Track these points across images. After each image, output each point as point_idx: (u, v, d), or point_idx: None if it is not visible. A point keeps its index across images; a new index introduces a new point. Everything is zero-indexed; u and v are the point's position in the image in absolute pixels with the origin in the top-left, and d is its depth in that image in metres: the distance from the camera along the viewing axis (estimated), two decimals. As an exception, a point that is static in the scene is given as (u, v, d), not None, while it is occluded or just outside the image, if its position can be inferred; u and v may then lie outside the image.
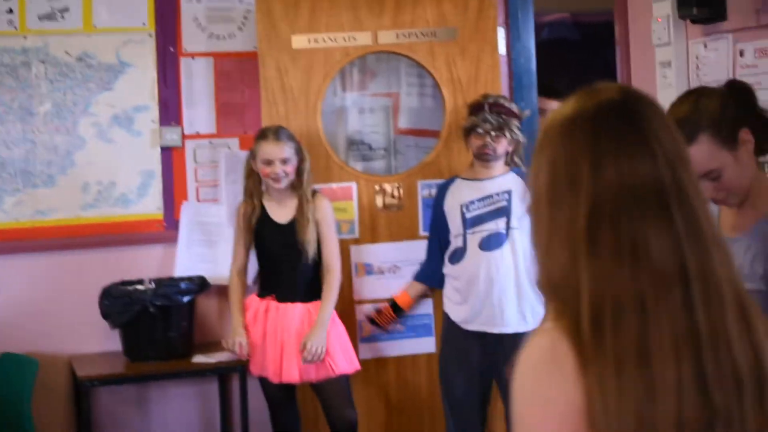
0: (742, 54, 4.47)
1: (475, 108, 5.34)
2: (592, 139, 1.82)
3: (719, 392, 1.74)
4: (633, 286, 1.75)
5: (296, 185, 5.38)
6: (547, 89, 6.38)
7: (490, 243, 5.23)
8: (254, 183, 5.42)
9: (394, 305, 5.64)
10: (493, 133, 5.22)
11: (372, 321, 5.65)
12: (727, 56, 4.55)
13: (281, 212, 5.40)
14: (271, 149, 5.30)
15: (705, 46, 4.71)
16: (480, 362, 5.30)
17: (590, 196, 1.79)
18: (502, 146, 5.27)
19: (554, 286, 1.83)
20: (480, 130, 5.24)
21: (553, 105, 6.24)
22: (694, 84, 4.75)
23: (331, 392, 5.40)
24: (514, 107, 5.39)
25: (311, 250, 5.32)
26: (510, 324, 5.21)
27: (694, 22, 4.72)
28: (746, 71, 4.44)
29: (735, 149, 2.93)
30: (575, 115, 1.85)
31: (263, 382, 5.43)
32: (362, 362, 5.58)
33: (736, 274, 1.85)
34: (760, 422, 1.77)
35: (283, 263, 5.37)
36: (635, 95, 1.90)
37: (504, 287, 5.20)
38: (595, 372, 1.72)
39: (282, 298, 5.36)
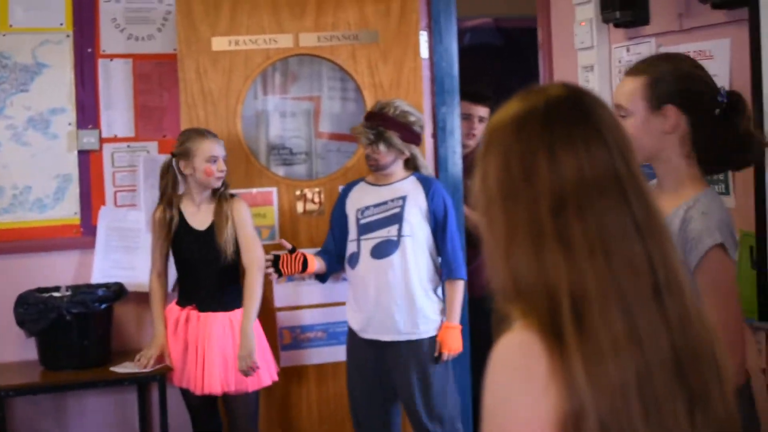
0: (666, 59, 4.47)
1: (365, 117, 5.31)
2: (546, 132, 1.82)
3: (693, 374, 1.81)
4: (609, 277, 1.77)
5: (215, 189, 5.30)
6: (473, 95, 6.35)
7: (381, 250, 5.16)
8: (173, 187, 5.30)
9: (304, 259, 5.32)
10: (370, 146, 5.16)
11: (275, 263, 5.34)
12: (652, 61, 4.55)
13: (199, 218, 5.30)
14: (214, 146, 5.23)
15: (628, 50, 4.71)
16: (377, 371, 5.24)
17: (551, 190, 1.79)
18: (384, 157, 5.17)
19: (521, 286, 1.82)
20: (360, 141, 5.25)
21: (479, 110, 6.23)
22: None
23: (239, 408, 5.31)
24: (405, 116, 5.21)
25: (229, 251, 5.22)
26: (401, 331, 5.15)
27: (617, 25, 4.71)
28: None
29: (653, 112, 3.09)
30: (525, 112, 1.87)
31: (185, 392, 5.34)
32: (283, 370, 5.51)
33: (680, 258, 1.92)
34: (722, 401, 1.84)
35: (203, 271, 5.27)
36: (581, 90, 1.93)
37: (393, 295, 5.12)
38: (583, 363, 1.73)
39: (203, 308, 5.26)
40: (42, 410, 5.77)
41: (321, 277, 5.48)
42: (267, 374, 5.32)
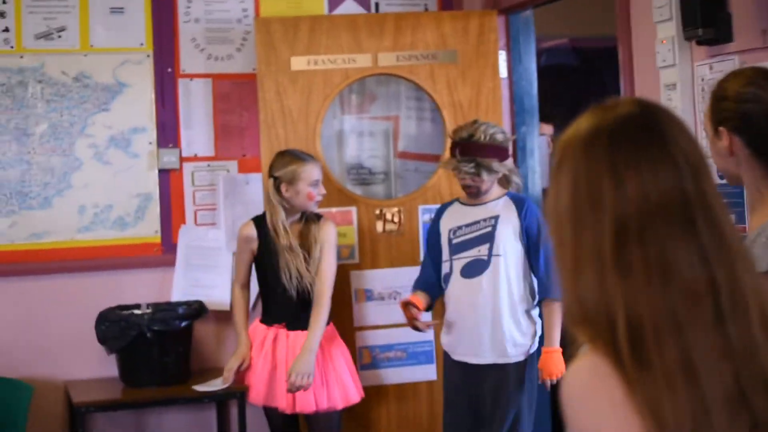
0: (750, 76, 4.42)
1: (452, 149, 5.11)
2: (612, 153, 1.77)
3: (758, 399, 1.72)
4: (665, 304, 1.71)
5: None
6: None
7: (471, 270, 5.07)
8: (276, 209, 5.24)
9: (408, 304, 5.18)
10: (470, 176, 5.06)
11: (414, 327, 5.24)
12: (737, 79, 4.49)
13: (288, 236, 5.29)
14: (316, 170, 5.24)
15: (711, 67, 4.64)
16: (466, 393, 5.15)
17: (614, 214, 1.74)
18: (485, 183, 5.06)
19: (586, 310, 1.77)
20: (458, 174, 5.10)
21: (545, 128, 6.20)
22: (700, 107, 4.69)
23: (323, 427, 5.32)
24: (495, 138, 5.05)
25: (312, 273, 5.22)
26: (485, 355, 5.05)
27: (699, 43, 4.65)
28: (756, 94, 4.39)
29: (715, 134, 3.01)
30: (593, 130, 1.81)
31: (268, 411, 5.34)
32: (363, 390, 5.50)
33: (758, 282, 1.82)
34: None
35: (292, 289, 5.25)
36: (653, 106, 1.85)
37: (481, 316, 5.03)
38: (644, 393, 1.68)
39: (291, 326, 5.26)
40: (122, 427, 5.80)
41: (428, 307, 5.36)
42: (355, 391, 5.32)
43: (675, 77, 4.76)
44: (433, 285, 5.26)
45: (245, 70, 5.93)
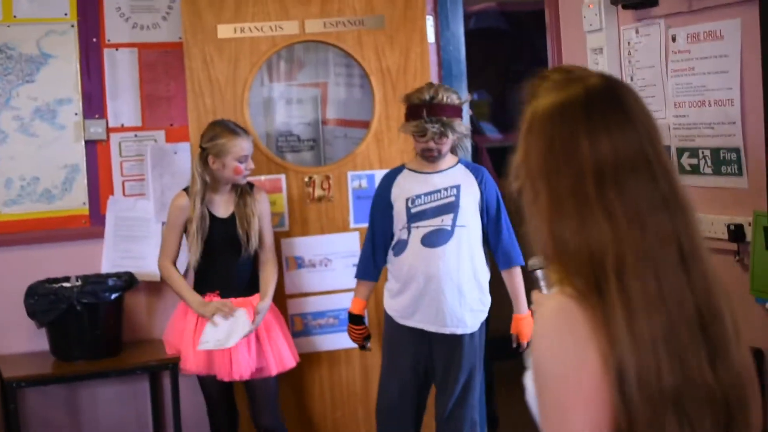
0: (674, 39, 4.43)
1: (414, 111, 5.02)
2: (587, 118, 2.08)
3: (714, 331, 2.06)
4: (644, 245, 2.02)
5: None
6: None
7: (433, 239, 5.03)
8: (204, 181, 5.23)
9: (353, 318, 5.31)
10: (436, 138, 5.00)
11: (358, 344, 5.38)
12: (660, 42, 4.51)
13: (221, 206, 5.29)
14: (246, 145, 5.23)
15: (637, 31, 4.67)
16: (418, 358, 5.17)
17: (592, 165, 2.05)
18: (447, 145, 5.03)
19: (564, 250, 2.05)
20: (422, 136, 5.00)
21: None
22: (627, 71, 4.72)
23: (262, 392, 5.37)
24: (453, 99, 5.04)
25: (254, 244, 5.25)
26: (448, 324, 5.05)
27: (625, 7, 4.68)
28: (679, 56, 4.41)
29: None
30: (567, 101, 2.11)
31: (203, 380, 5.34)
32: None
33: (703, 235, 2.15)
34: (738, 355, 2.09)
35: (225, 258, 5.27)
36: (616, 81, 2.18)
37: (443, 285, 5.01)
38: (620, 316, 1.97)
39: (225, 294, 5.26)
40: (54, 401, 5.76)
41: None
42: (290, 357, 5.35)
43: (602, 41, 4.78)
44: (375, 271, 5.25)
45: (171, 39, 5.87)
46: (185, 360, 5.27)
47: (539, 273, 3.75)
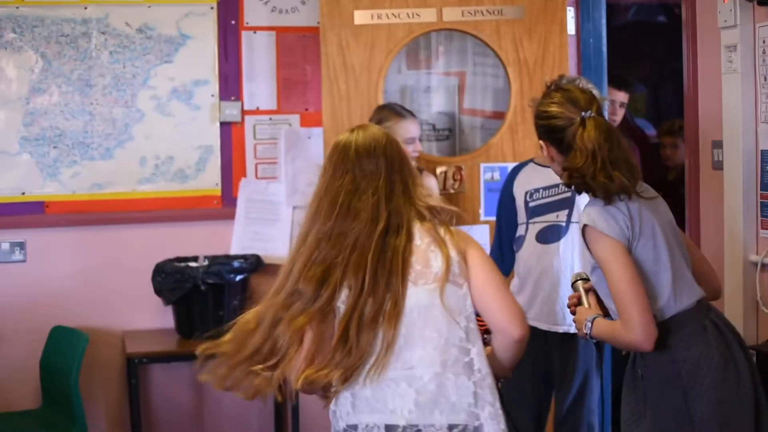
0: (809, 38, 4.26)
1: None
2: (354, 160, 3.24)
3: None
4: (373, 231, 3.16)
5: None
6: (614, 79, 6.17)
7: (548, 235, 4.90)
8: None
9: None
10: None
11: None
12: (796, 42, 4.34)
13: None
14: (414, 127, 5.26)
15: (773, 29, 4.50)
16: (532, 358, 5.03)
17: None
18: None
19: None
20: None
21: (620, 95, 6.02)
22: (761, 70, 4.54)
23: None
24: (595, 92, 5.01)
25: None
26: (560, 323, 4.90)
27: (761, 3, 4.50)
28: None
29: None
30: (346, 142, 3.29)
31: None
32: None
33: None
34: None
35: None
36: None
37: (557, 283, 4.88)
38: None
39: None
40: (176, 378, 5.83)
41: None
42: None
43: (736, 38, 4.61)
44: (503, 266, 5.12)
45: (309, 24, 5.88)
46: None
47: (579, 284, 3.81)
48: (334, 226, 3.19)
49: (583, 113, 3.53)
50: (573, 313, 3.80)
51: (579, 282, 3.82)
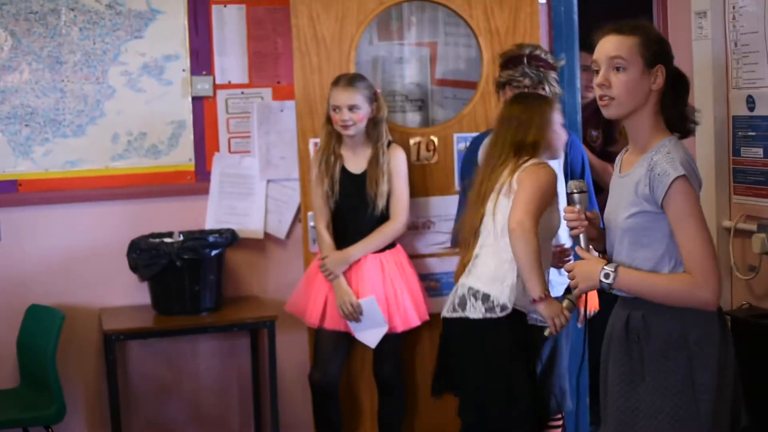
0: (779, 5, 4.27)
1: (512, 60, 5.03)
2: None
3: None
4: None
5: (371, 135, 5.34)
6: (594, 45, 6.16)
7: None
8: (328, 131, 5.36)
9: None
10: (530, 88, 4.96)
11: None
12: (764, 7, 4.34)
13: (355, 162, 5.35)
14: (339, 95, 5.26)
15: (744, -5, 4.51)
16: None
17: None
18: None
19: None
20: (517, 85, 4.97)
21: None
22: (731, 36, 4.55)
23: (389, 345, 5.45)
24: (550, 58, 5.08)
25: (382, 202, 5.30)
26: None
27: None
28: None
29: (646, 70, 3.43)
30: None
31: (318, 333, 5.43)
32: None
33: None
34: None
35: (354, 214, 5.33)
36: None
37: None
38: None
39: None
40: (155, 354, 5.84)
41: None
42: (414, 316, 5.45)
43: (706, 4, 4.63)
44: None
45: (280, -4, 5.87)
46: (310, 313, 5.41)
47: (577, 197, 3.74)
48: None
49: None
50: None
51: (576, 195, 3.77)
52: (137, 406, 5.82)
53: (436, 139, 5.75)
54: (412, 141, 5.73)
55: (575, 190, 3.74)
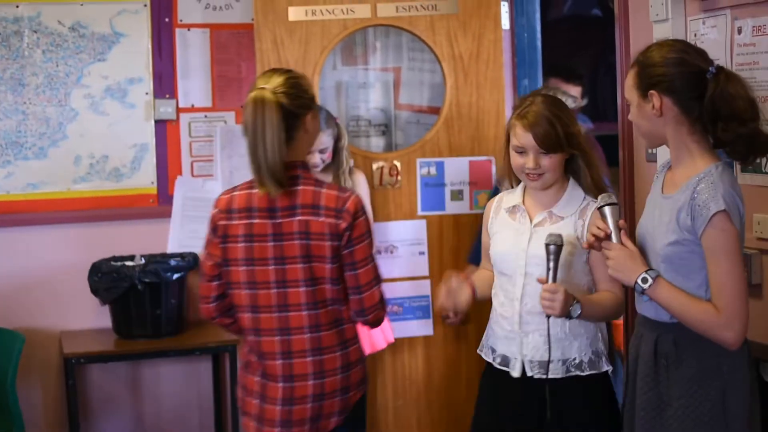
0: (739, 32, 4.28)
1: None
2: None
3: None
4: None
5: (332, 163, 5.30)
6: (564, 72, 6.18)
7: None
8: None
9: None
10: None
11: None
12: (726, 34, 4.36)
13: None
14: (326, 138, 5.19)
15: (704, 22, 4.53)
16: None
17: None
18: None
19: None
20: None
21: (571, 89, 6.00)
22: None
23: None
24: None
25: None
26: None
27: (691, -5, 4.55)
28: (743, 50, 4.26)
29: (643, 99, 3.48)
30: None
31: None
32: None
33: None
34: None
35: None
36: None
37: None
38: None
39: None
40: (115, 378, 5.82)
41: None
42: (381, 338, 5.42)
43: (668, 32, 4.65)
44: None
45: (243, 20, 5.88)
46: None
47: (608, 210, 3.65)
48: None
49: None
50: (591, 247, 3.68)
51: (606, 208, 3.64)
52: (98, 430, 5.79)
53: (399, 164, 5.76)
54: (375, 165, 5.73)
55: (603, 203, 3.66)
